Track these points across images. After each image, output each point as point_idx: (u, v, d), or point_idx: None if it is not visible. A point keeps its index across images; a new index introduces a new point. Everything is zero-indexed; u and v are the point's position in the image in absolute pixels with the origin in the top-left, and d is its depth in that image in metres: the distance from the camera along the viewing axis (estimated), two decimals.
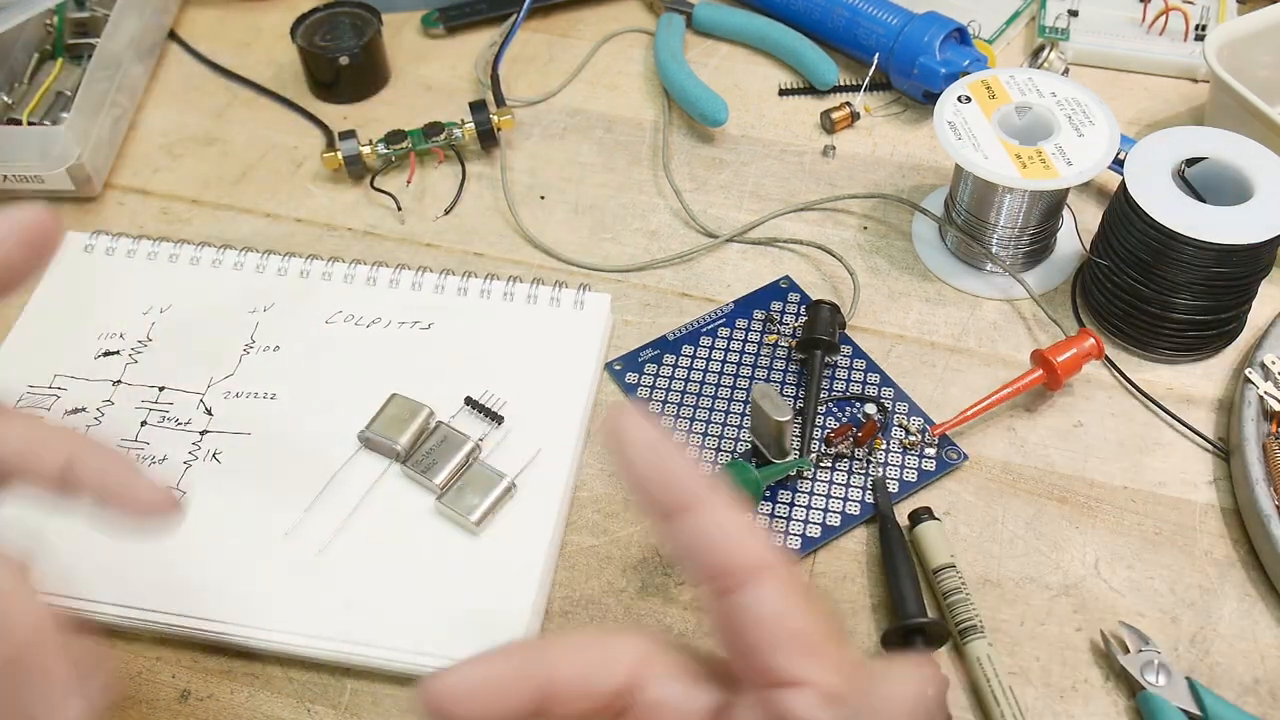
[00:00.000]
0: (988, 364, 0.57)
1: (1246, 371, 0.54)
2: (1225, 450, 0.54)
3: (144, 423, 0.55)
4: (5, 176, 0.65)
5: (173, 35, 0.77)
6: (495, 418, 0.54)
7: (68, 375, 0.57)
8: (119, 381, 0.56)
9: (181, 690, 0.47)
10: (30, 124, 0.67)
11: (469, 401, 0.54)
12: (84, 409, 0.55)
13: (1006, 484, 0.53)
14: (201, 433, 0.55)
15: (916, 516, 0.50)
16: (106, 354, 0.57)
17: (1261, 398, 0.53)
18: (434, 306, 0.59)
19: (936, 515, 0.51)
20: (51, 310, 0.59)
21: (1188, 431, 0.55)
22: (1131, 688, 0.46)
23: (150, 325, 0.59)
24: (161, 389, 0.56)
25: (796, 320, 0.59)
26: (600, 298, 0.59)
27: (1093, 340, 0.54)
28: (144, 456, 0.54)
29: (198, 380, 0.56)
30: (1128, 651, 0.47)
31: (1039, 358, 0.55)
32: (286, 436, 0.54)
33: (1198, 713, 0.45)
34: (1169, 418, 0.55)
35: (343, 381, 0.56)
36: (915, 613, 0.47)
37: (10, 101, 0.68)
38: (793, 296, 0.60)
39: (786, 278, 0.61)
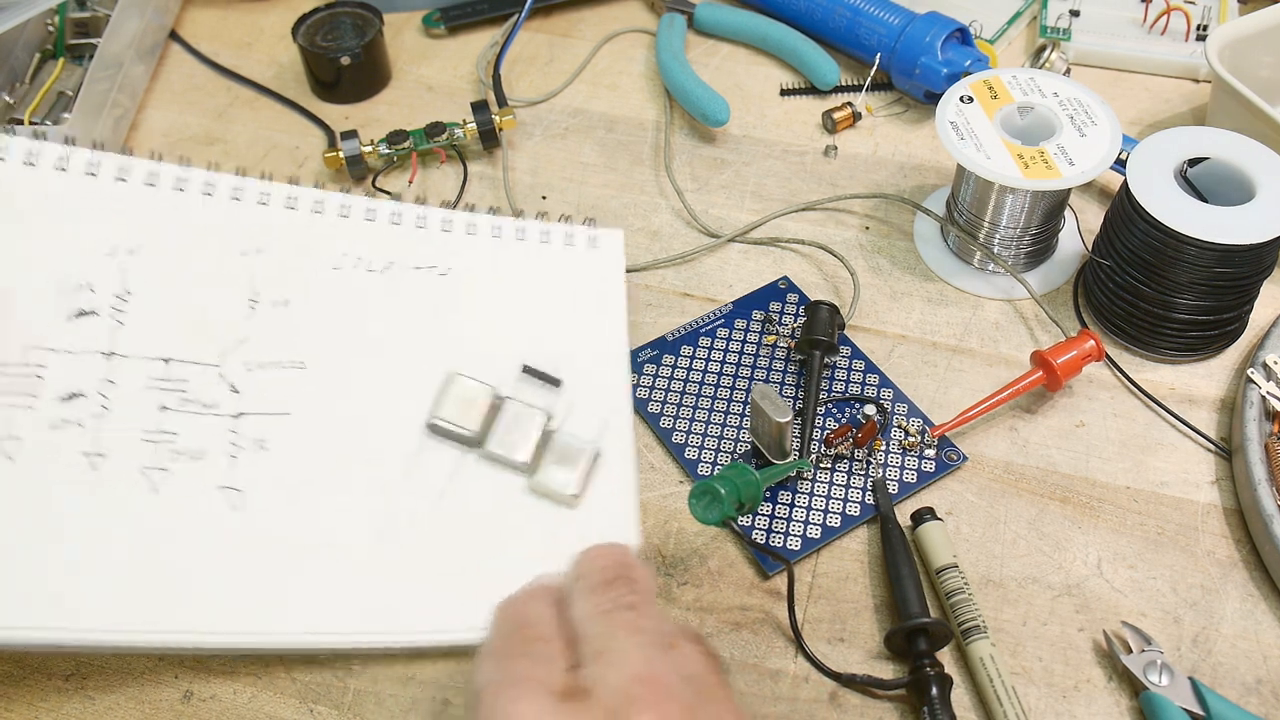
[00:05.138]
0: (990, 364, 0.57)
1: (1249, 371, 0.54)
2: (1227, 450, 0.54)
3: (164, 407, 0.47)
4: None
5: (174, 35, 0.77)
6: (553, 381, 0.51)
7: (43, 347, 0.47)
8: (111, 354, 0.47)
9: (184, 691, 0.47)
10: (32, 124, 0.67)
11: (527, 370, 0.52)
12: (82, 393, 0.46)
13: (1009, 484, 0.53)
14: (236, 416, 0.48)
15: (919, 516, 0.50)
16: (81, 314, 0.48)
17: (1264, 398, 0.53)
18: (446, 249, 0.55)
19: (939, 515, 0.51)
20: None
21: (1190, 432, 0.55)
22: (1134, 688, 0.46)
23: (122, 273, 0.49)
24: (166, 360, 0.48)
25: (795, 321, 0.59)
26: (613, 234, 0.56)
27: (1093, 342, 0.54)
28: (178, 451, 0.46)
29: (208, 348, 0.48)
30: (1130, 651, 0.47)
31: (1039, 359, 0.55)
32: (333, 416, 0.49)
33: (1200, 713, 0.45)
34: (1171, 418, 0.55)
35: (374, 342, 0.51)
36: (918, 613, 0.47)
37: (12, 102, 0.68)
38: (791, 297, 0.60)
39: (785, 278, 0.61)
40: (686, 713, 0.35)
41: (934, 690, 0.45)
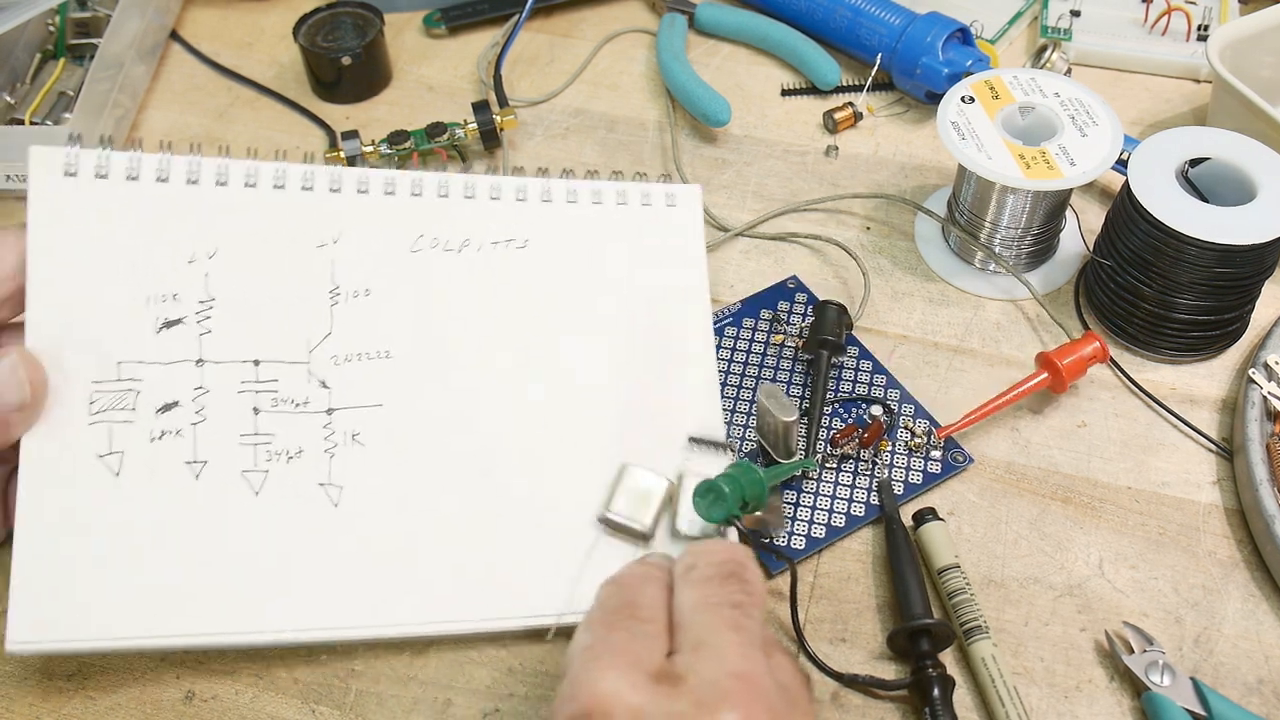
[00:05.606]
0: (991, 364, 0.57)
1: (1250, 372, 0.54)
2: (1229, 451, 0.54)
3: (256, 409, 0.48)
4: (8, 177, 0.65)
5: (174, 35, 0.77)
6: (722, 446, 0.51)
7: (134, 360, 0.47)
8: (201, 361, 0.48)
9: (186, 691, 0.47)
10: (33, 124, 0.67)
11: (694, 440, 0.51)
12: (178, 403, 0.47)
13: (1010, 484, 0.53)
14: (327, 411, 0.48)
15: (921, 517, 0.50)
16: (168, 324, 0.48)
17: (1265, 398, 0.53)
18: (523, 220, 0.53)
19: (940, 516, 0.51)
20: (65, 272, 0.48)
21: (1191, 432, 0.55)
22: (1136, 688, 0.46)
23: (204, 279, 0.49)
24: (256, 362, 0.48)
25: (803, 321, 0.59)
26: (691, 190, 0.55)
27: (1098, 344, 0.54)
28: (275, 452, 0.47)
29: (294, 345, 0.48)
30: (1132, 652, 0.47)
31: (1044, 360, 0.55)
32: (424, 404, 0.49)
33: (1202, 713, 0.45)
34: (1172, 418, 0.55)
35: (457, 324, 0.51)
36: (921, 614, 0.47)
37: (13, 102, 0.68)
38: (800, 297, 0.60)
39: (794, 277, 0.61)
40: (773, 717, 0.35)
41: (936, 691, 0.45)
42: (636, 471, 0.49)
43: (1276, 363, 0.55)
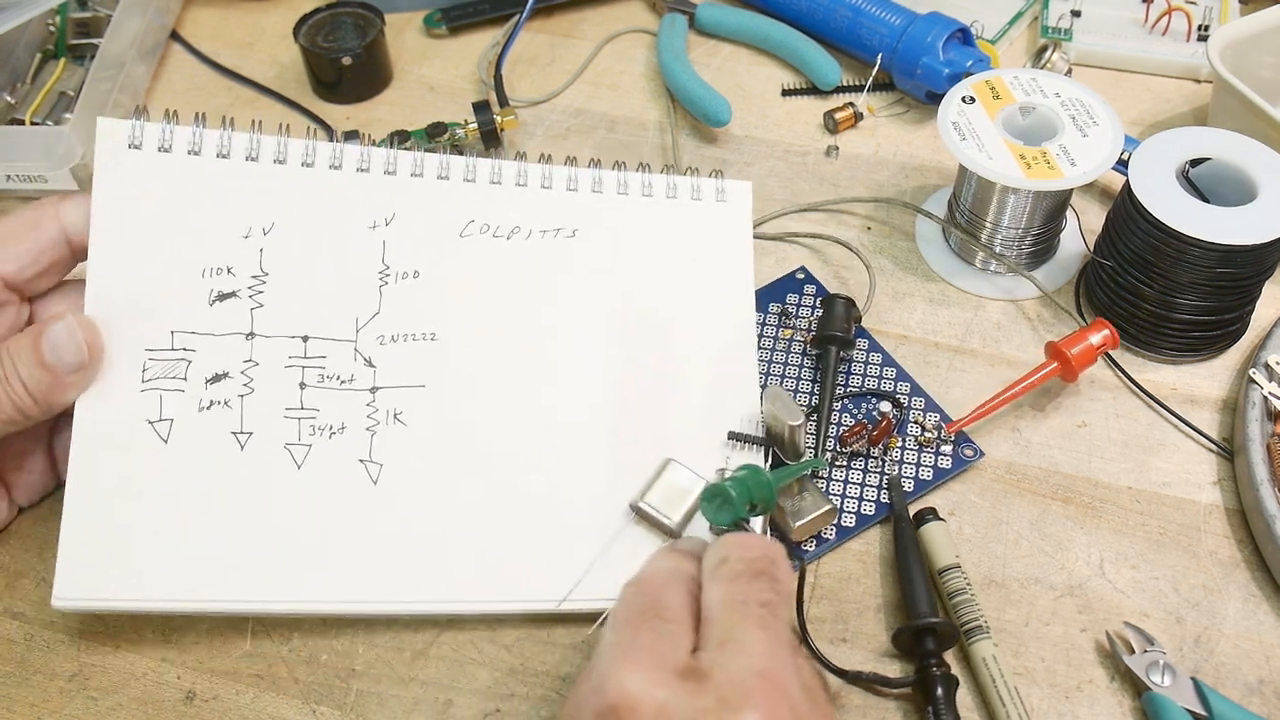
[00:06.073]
0: (992, 364, 0.57)
1: (1251, 372, 0.54)
2: (1229, 451, 0.54)
3: (303, 384, 0.49)
4: (9, 177, 0.65)
5: (175, 35, 0.77)
6: (758, 441, 0.51)
7: (188, 331, 0.49)
8: (252, 334, 0.49)
9: (187, 691, 0.47)
10: (34, 124, 0.67)
11: (733, 435, 0.51)
12: (227, 373, 0.48)
13: (1011, 484, 0.53)
14: (371, 390, 0.49)
15: (921, 517, 0.50)
16: (222, 297, 0.49)
17: (1266, 398, 0.53)
18: (572, 210, 0.54)
19: (941, 516, 0.51)
20: (126, 241, 0.49)
21: (1192, 432, 0.55)
22: (1137, 688, 0.46)
23: (259, 254, 0.50)
24: (305, 338, 0.49)
25: (812, 315, 0.59)
26: (742, 186, 0.56)
27: (1108, 331, 0.54)
28: (319, 427, 0.48)
29: (343, 323, 0.50)
30: (1133, 652, 0.47)
31: (1053, 350, 0.54)
32: (466, 386, 0.50)
33: (1203, 713, 0.45)
34: (1173, 418, 0.55)
35: (502, 309, 0.52)
36: (928, 612, 0.46)
37: (13, 102, 0.68)
38: (809, 289, 0.60)
39: (803, 268, 0.61)
40: (796, 718, 0.35)
41: (940, 690, 0.45)
42: (678, 468, 0.49)
43: (1277, 363, 0.55)
